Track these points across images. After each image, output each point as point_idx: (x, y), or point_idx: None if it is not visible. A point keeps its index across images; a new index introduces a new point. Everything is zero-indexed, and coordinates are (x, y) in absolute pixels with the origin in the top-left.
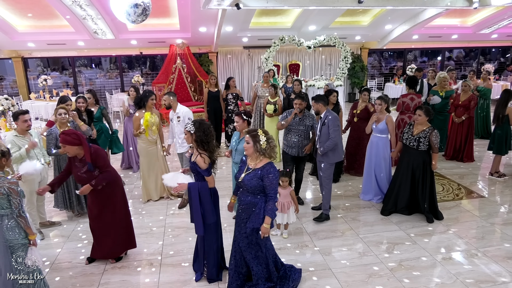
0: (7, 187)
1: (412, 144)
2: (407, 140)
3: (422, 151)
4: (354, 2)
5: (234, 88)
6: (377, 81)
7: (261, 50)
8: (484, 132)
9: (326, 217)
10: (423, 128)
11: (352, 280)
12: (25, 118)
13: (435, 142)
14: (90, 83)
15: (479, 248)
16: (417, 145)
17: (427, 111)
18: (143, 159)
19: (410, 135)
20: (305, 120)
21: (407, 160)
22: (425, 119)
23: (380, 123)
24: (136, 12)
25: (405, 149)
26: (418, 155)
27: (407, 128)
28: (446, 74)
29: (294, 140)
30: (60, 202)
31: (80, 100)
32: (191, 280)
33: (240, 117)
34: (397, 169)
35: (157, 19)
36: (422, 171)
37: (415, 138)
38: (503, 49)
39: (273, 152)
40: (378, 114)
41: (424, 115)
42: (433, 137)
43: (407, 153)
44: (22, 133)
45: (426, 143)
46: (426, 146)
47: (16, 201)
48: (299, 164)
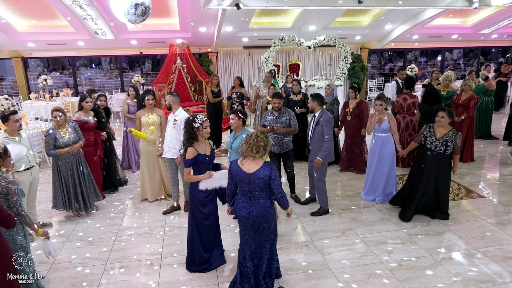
0: (4, 186)
1: (439, 148)
2: (432, 144)
3: (448, 155)
4: (354, 2)
5: (239, 88)
6: (377, 81)
7: (261, 50)
8: (483, 132)
9: (324, 212)
10: (446, 131)
11: (352, 280)
12: (16, 118)
13: (459, 144)
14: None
15: (479, 248)
16: (444, 149)
17: (450, 113)
18: (143, 157)
19: (434, 138)
20: (281, 117)
21: (432, 165)
22: (448, 121)
23: (382, 122)
24: (136, 12)
25: (429, 153)
26: (444, 159)
27: (427, 131)
28: (452, 73)
29: (274, 137)
30: (59, 203)
31: (102, 98)
32: (191, 280)
33: (236, 115)
34: (415, 172)
35: (157, 19)
36: (445, 174)
37: (441, 142)
38: (503, 49)
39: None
40: (379, 114)
41: (447, 117)
42: (458, 140)
43: (432, 157)
44: (12, 134)
45: (451, 146)
46: (451, 149)
47: (13, 199)
48: (286, 161)
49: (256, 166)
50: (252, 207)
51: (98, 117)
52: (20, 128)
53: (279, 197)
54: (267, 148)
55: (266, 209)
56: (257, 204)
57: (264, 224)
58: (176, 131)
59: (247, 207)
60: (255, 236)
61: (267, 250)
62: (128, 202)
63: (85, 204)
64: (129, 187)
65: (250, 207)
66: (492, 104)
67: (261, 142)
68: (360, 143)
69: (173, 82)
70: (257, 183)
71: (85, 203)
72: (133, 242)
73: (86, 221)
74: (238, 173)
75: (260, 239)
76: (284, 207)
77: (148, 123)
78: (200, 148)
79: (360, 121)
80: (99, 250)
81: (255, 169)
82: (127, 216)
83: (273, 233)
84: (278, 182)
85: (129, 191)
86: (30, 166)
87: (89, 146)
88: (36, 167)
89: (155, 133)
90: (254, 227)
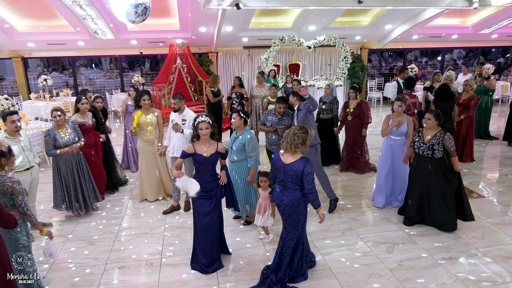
0: (10, 186)
1: (426, 153)
2: (419, 149)
3: (438, 159)
4: (354, 2)
5: (239, 88)
6: (377, 81)
7: (261, 50)
8: (482, 132)
9: (334, 202)
10: (434, 133)
11: (352, 280)
12: (13, 118)
13: (450, 145)
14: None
15: (479, 248)
16: (431, 153)
17: (437, 114)
18: (141, 157)
19: (421, 143)
20: (284, 120)
21: (423, 171)
22: (435, 123)
23: (402, 125)
24: (136, 12)
25: (418, 158)
26: (435, 163)
27: (416, 136)
28: (452, 73)
29: (275, 138)
30: (59, 203)
31: (99, 100)
32: (191, 280)
33: (237, 114)
34: (412, 181)
35: (157, 19)
36: (444, 180)
37: (428, 146)
38: (503, 49)
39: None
40: (397, 116)
41: (433, 119)
42: (447, 141)
43: (422, 162)
44: (12, 134)
45: (441, 149)
46: (441, 153)
47: (19, 199)
48: None
49: (292, 159)
50: (284, 196)
51: (96, 118)
52: (17, 129)
53: (309, 192)
54: (307, 143)
55: (296, 200)
56: (288, 194)
57: (294, 215)
58: (186, 130)
59: (280, 195)
60: (286, 224)
61: (292, 243)
62: (128, 202)
63: (85, 204)
64: (129, 187)
65: (282, 195)
66: (491, 103)
67: (298, 140)
68: (361, 143)
69: (173, 82)
70: (290, 174)
71: (85, 203)
72: (133, 242)
73: (86, 221)
74: (277, 162)
75: (288, 231)
76: (314, 204)
77: (146, 123)
78: (199, 147)
79: (360, 121)
80: (99, 250)
81: (290, 161)
82: (127, 216)
83: (300, 228)
84: (311, 178)
85: (129, 191)
86: (30, 166)
87: (88, 147)
88: (36, 167)
89: (153, 133)
90: (285, 215)
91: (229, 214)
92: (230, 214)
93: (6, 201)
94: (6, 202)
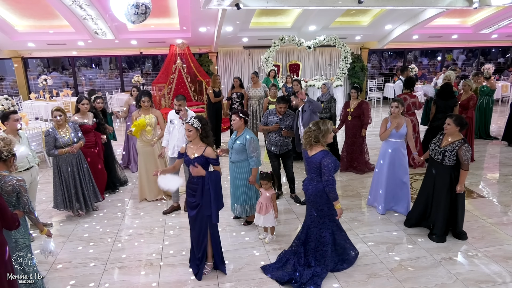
0: (17, 184)
1: (437, 157)
2: (433, 152)
3: (447, 166)
4: (354, 2)
5: (239, 88)
6: (377, 81)
7: (261, 50)
8: (483, 132)
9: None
10: (453, 140)
11: (352, 280)
12: (16, 117)
13: (465, 157)
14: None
15: (479, 248)
16: (441, 158)
17: (458, 119)
18: (140, 158)
19: (437, 146)
20: (285, 120)
21: (429, 175)
22: (455, 128)
23: (401, 128)
24: (136, 12)
25: (430, 161)
26: (443, 170)
27: (436, 138)
28: (452, 73)
29: (276, 139)
30: (60, 203)
31: (99, 100)
32: (191, 280)
33: (237, 115)
34: (423, 183)
35: (157, 19)
36: (447, 189)
37: (440, 151)
38: (503, 49)
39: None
40: (395, 118)
41: (453, 124)
42: (463, 152)
43: (431, 166)
44: (12, 134)
45: (453, 158)
46: (453, 161)
47: (25, 198)
48: (286, 161)
49: (313, 152)
50: (310, 186)
51: (97, 118)
52: (19, 129)
53: (326, 183)
54: (320, 137)
55: (320, 190)
56: (313, 184)
57: (317, 205)
58: None
59: (307, 185)
60: (310, 213)
61: (314, 235)
62: (128, 202)
63: (86, 204)
64: (129, 187)
65: (308, 185)
66: (492, 103)
67: (310, 138)
68: (361, 143)
69: (173, 82)
70: (312, 166)
71: (85, 203)
72: (133, 242)
73: (86, 221)
74: (305, 154)
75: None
76: (330, 197)
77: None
78: (189, 149)
79: (360, 122)
80: (99, 250)
81: (312, 153)
82: (127, 216)
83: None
84: (328, 169)
85: (129, 191)
86: (29, 167)
87: (89, 147)
88: (36, 168)
89: (151, 134)
90: (310, 204)
91: (229, 214)
92: (230, 214)
93: (11, 200)
94: (11, 200)
